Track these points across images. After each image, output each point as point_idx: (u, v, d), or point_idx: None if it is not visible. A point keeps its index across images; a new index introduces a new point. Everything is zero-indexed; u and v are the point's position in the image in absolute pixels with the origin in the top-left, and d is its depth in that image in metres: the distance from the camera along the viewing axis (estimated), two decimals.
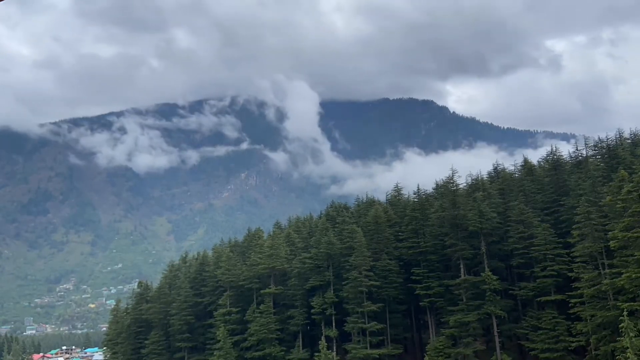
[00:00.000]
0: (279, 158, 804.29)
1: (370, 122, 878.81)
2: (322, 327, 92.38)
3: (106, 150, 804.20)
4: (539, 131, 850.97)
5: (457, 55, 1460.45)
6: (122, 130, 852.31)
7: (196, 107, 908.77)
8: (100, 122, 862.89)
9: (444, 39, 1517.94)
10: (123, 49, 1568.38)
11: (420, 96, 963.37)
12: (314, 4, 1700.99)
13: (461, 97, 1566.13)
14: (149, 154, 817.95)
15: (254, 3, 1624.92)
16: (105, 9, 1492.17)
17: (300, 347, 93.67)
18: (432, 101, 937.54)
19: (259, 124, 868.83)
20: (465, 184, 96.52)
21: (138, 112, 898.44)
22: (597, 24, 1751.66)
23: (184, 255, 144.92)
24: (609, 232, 67.62)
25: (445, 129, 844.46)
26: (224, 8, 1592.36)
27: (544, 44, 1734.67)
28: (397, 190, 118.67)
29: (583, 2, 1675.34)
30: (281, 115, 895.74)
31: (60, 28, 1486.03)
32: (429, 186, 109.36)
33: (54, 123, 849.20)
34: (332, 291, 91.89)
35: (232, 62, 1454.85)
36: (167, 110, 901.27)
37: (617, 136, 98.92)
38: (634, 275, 61.47)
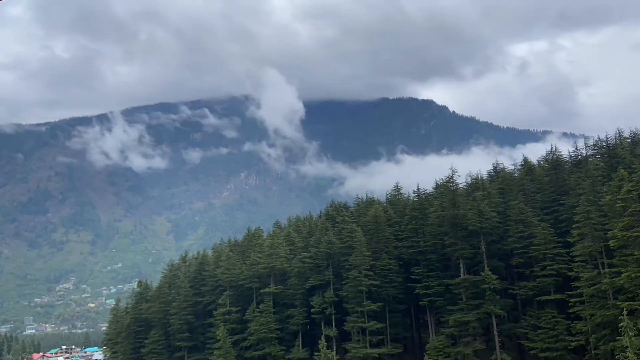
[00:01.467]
0: (278, 158, 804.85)
1: (370, 121, 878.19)
2: (322, 327, 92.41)
3: (106, 150, 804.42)
4: (539, 130, 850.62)
5: (427, 59, 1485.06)
6: (122, 129, 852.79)
7: (195, 107, 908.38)
8: (100, 122, 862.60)
9: (410, 44, 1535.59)
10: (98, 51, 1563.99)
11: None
12: (269, 12, 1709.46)
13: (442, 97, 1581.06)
14: (148, 154, 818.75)
15: (214, 12, 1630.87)
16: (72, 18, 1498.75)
17: (300, 347, 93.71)
18: (431, 100, 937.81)
19: (259, 124, 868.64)
20: (465, 184, 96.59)
21: (138, 112, 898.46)
22: (554, 31, 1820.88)
23: (183, 255, 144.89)
24: (609, 232, 67.67)
25: (445, 129, 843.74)
26: (184, 16, 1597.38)
27: (507, 49, 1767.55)
28: (397, 189, 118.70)
29: (538, 10, 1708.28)
30: (279, 116, 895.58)
31: (26, 36, 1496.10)
32: (428, 186, 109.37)
33: (54, 122, 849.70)
34: (331, 290, 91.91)
35: (199, 67, 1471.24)
36: (166, 110, 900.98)
37: (617, 136, 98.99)
38: (633, 275, 61.52)
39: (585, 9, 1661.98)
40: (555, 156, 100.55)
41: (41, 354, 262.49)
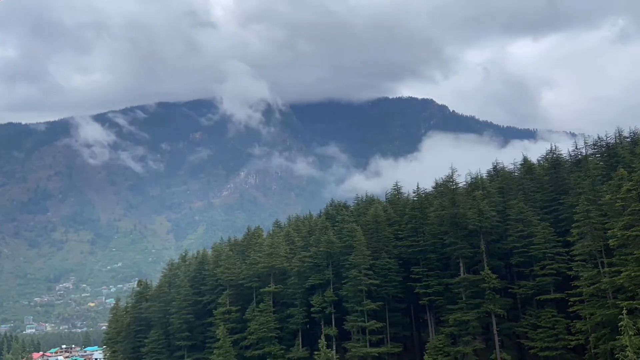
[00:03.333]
0: (278, 157, 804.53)
1: (370, 121, 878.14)
2: (322, 326, 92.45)
3: (105, 149, 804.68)
4: (538, 129, 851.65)
5: (389, 61, 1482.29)
6: (122, 129, 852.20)
7: (195, 106, 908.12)
8: (99, 121, 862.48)
9: (366, 47, 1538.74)
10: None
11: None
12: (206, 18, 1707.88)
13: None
14: (148, 153, 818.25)
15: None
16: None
17: (300, 346, 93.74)
18: (431, 100, 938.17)
19: (258, 124, 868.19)
20: (464, 183, 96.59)
21: (137, 111, 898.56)
22: (503, 37, 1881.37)
23: (183, 254, 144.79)
24: (609, 231, 67.65)
25: (445, 128, 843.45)
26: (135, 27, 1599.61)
27: (460, 54, 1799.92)
28: (397, 189, 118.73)
29: (486, 17, 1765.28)
30: (277, 115, 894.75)
31: None
32: (428, 185, 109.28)
33: (54, 122, 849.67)
34: (331, 290, 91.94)
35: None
36: (166, 109, 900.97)
37: (617, 135, 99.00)
38: (633, 274, 61.55)
39: (530, 16, 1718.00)
40: (555, 155, 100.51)
41: (41, 353, 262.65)
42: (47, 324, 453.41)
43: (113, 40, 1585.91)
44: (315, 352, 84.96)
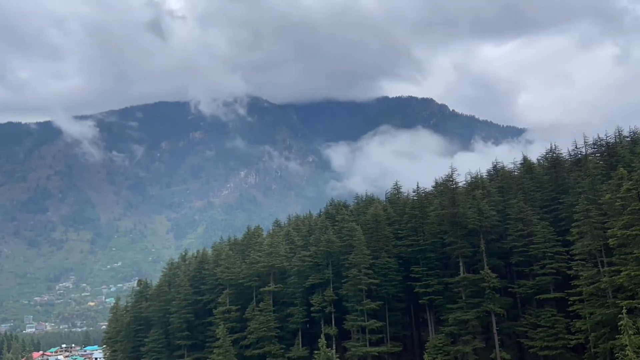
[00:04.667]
0: (278, 157, 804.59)
1: (370, 120, 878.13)
2: (322, 325, 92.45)
3: (105, 149, 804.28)
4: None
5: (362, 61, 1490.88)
6: (122, 128, 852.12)
7: (194, 105, 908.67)
8: (99, 120, 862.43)
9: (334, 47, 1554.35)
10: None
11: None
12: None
13: None
14: (148, 152, 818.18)
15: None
16: None
17: (300, 345, 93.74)
18: (431, 99, 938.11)
19: (257, 124, 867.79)
20: (464, 182, 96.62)
21: (136, 111, 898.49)
22: (468, 41, 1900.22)
23: (183, 254, 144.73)
24: (608, 230, 67.67)
25: (445, 127, 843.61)
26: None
27: (428, 58, 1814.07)
28: (397, 188, 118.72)
29: (449, 22, 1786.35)
30: (276, 114, 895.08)
31: None
32: (428, 184, 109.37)
33: (53, 121, 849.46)
34: (331, 289, 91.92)
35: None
36: (165, 109, 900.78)
37: (617, 134, 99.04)
38: (633, 273, 61.58)
39: (493, 21, 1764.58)
40: (554, 155, 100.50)
41: (41, 352, 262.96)
42: (47, 324, 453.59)
43: (80, 46, 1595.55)
44: (315, 352, 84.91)
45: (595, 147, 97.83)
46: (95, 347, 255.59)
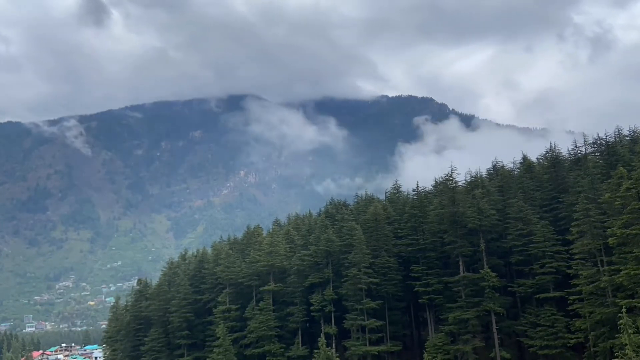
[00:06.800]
0: (277, 156, 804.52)
1: (369, 119, 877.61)
2: (322, 324, 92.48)
3: (105, 148, 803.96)
4: (538, 128, 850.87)
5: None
6: (122, 128, 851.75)
7: (194, 105, 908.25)
8: (99, 120, 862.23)
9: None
10: None
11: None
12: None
13: None
14: (147, 151, 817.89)
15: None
16: None
17: (300, 344, 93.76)
18: (431, 98, 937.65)
19: (257, 123, 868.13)
20: (464, 181, 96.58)
21: (136, 110, 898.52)
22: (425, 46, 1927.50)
23: (183, 253, 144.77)
24: (608, 229, 67.70)
25: (444, 127, 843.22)
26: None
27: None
28: (396, 187, 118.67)
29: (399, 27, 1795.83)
30: (275, 112, 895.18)
31: None
32: (427, 183, 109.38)
33: (53, 120, 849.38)
34: (331, 288, 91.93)
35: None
36: (164, 109, 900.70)
37: (616, 133, 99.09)
38: (632, 272, 61.58)
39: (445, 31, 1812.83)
40: (554, 154, 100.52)
41: (41, 351, 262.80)
42: (47, 323, 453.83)
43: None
44: (315, 351, 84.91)
45: (595, 146, 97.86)
46: (95, 346, 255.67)
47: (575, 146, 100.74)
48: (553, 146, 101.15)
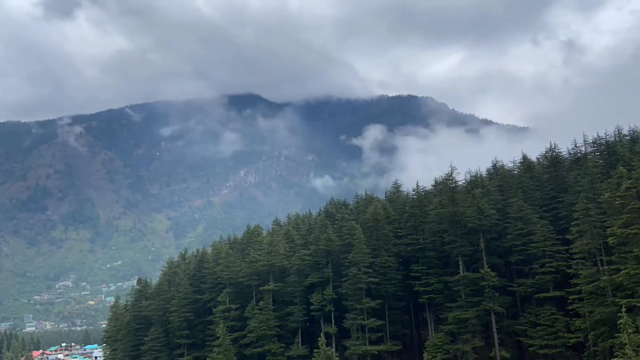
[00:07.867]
0: (276, 156, 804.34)
1: (368, 119, 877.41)
2: (321, 324, 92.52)
3: (105, 147, 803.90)
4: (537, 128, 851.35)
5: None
6: (121, 128, 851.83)
7: (194, 104, 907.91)
8: (98, 120, 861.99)
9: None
10: None
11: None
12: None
13: None
14: (147, 151, 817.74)
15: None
16: None
17: (300, 344, 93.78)
18: (431, 98, 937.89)
19: (256, 123, 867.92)
20: (464, 181, 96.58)
21: (136, 110, 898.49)
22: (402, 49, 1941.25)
23: (183, 252, 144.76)
24: (608, 229, 67.73)
25: (444, 126, 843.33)
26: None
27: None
28: (396, 187, 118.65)
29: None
30: (276, 112, 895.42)
31: None
32: (427, 183, 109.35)
33: (53, 120, 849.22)
34: (331, 288, 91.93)
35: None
36: (163, 108, 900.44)
37: (616, 133, 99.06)
38: (632, 272, 61.65)
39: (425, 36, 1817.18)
40: (554, 154, 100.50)
41: (41, 351, 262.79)
42: (46, 322, 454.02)
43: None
44: (315, 350, 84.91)
45: (595, 145, 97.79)
46: (95, 345, 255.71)
47: (575, 146, 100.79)
48: (553, 146, 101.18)
